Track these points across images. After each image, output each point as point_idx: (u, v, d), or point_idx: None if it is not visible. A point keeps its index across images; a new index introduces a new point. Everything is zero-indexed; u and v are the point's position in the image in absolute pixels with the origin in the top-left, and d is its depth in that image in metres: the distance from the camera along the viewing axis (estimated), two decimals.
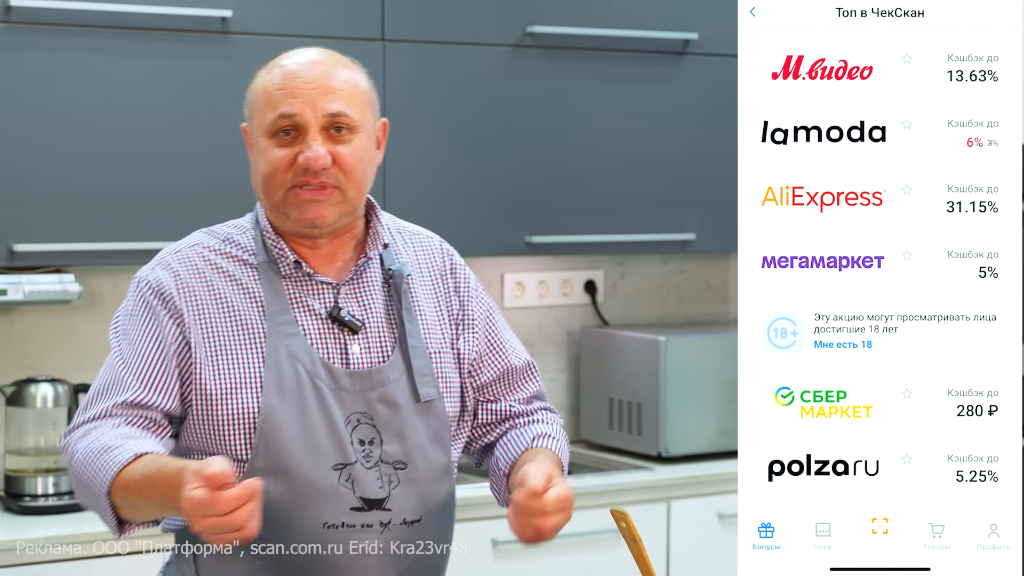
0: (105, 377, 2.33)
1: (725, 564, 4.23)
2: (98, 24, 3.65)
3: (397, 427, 2.32)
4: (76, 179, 3.65)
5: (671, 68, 4.34)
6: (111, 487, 2.19)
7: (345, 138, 2.31)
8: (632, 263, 4.75)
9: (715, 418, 4.35)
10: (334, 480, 2.27)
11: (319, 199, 2.30)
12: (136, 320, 2.33)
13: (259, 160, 2.34)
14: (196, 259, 2.37)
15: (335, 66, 2.34)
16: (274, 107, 2.30)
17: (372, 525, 2.28)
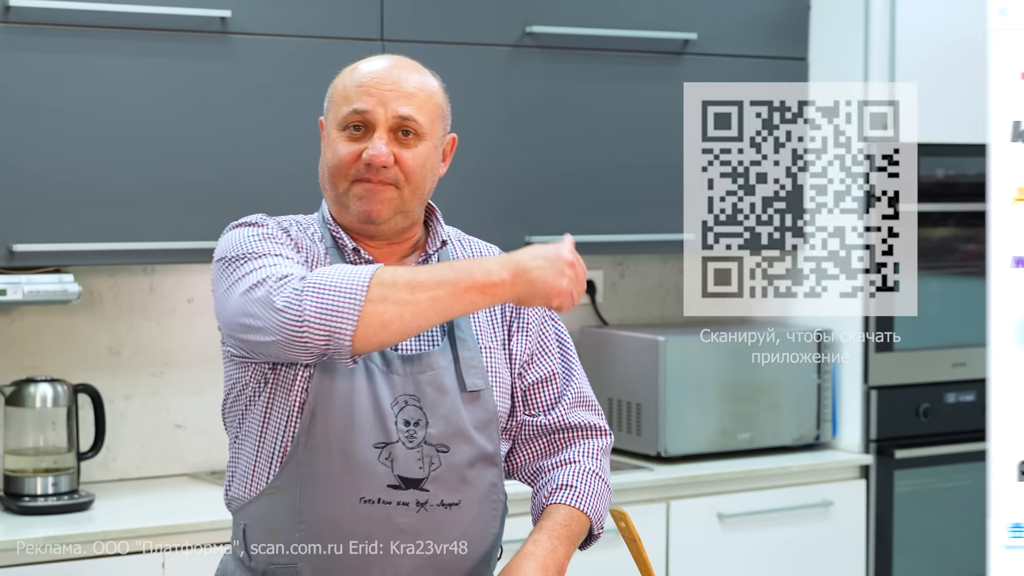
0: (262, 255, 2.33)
1: (724, 564, 4.24)
2: (97, 24, 3.65)
3: (444, 411, 2.37)
4: (76, 179, 3.65)
5: (670, 68, 4.34)
6: (373, 272, 2.21)
7: (411, 142, 2.39)
8: (631, 263, 4.75)
9: (714, 418, 4.35)
10: (373, 457, 2.32)
11: (378, 193, 2.37)
12: (267, 237, 2.36)
13: (327, 151, 2.44)
14: (283, 223, 2.43)
15: (413, 73, 2.44)
16: (349, 103, 2.40)
17: (408, 503, 2.33)
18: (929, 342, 4.59)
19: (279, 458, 2.36)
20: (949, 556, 4.67)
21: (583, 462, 2.53)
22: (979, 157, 4.58)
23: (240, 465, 2.42)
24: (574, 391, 2.57)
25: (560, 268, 2.28)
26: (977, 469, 4.68)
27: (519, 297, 2.27)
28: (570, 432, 2.55)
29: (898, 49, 4.39)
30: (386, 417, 2.34)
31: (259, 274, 2.29)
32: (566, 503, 2.47)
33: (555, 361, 2.56)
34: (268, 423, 2.38)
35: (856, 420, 4.51)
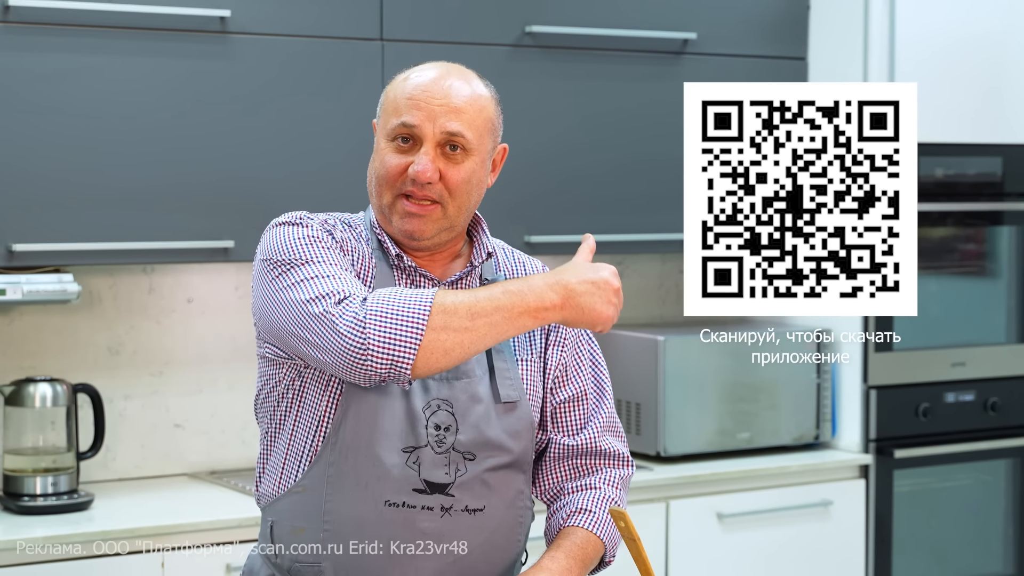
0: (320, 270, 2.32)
1: (723, 563, 4.24)
2: (97, 24, 3.65)
3: (474, 419, 2.38)
4: (75, 179, 3.65)
5: (670, 68, 4.34)
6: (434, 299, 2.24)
7: (458, 158, 2.40)
8: (631, 263, 4.75)
9: (714, 418, 4.35)
10: (400, 461, 2.33)
11: (421, 214, 2.38)
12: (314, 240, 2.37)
13: (376, 159, 2.43)
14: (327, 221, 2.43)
15: (465, 86, 2.43)
16: (399, 114, 2.39)
17: (433, 508, 2.34)
18: (928, 342, 4.59)
19: (308, 457, 2.37)
20: (948, 556, 4.67)
21: (604, 490, 2.55)
22: (978, 157, 4.60)
23: (271, 462, 2.43)
24: (605, 415, 2.59)
25: (608, 296, 2.34)
26: (976, 469, 4.69)
27: (567, 320, 2.33)
28: (596, 459, 2.56)
29: (897, 49, 4.40)
30: (417, 420, 2.35)
31: (314, 287, 2.29)
32: (584, 527, 2.49)
33: (587, 380, 2.58)
34: (299, 422, 2.39)
35: (855, 420, 4.51)
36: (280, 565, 2.40)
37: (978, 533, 4.74)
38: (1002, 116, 4.61)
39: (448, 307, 2.24)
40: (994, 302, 4.76)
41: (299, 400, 2.39)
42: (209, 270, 4.13)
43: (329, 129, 3.90)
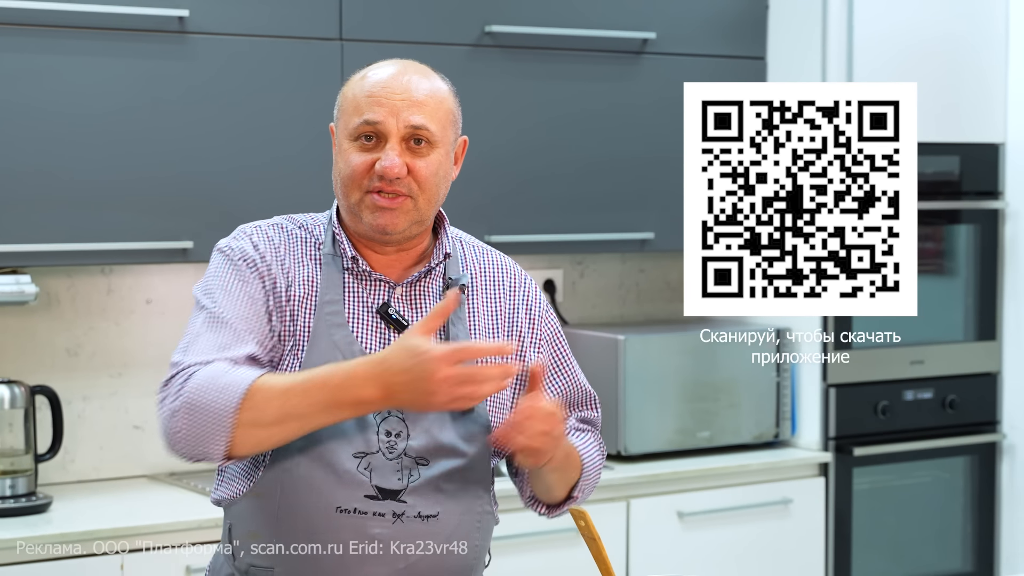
0: (202, 329, 2.35)
1: (684, 562, 4.25)
2: (54, 24, 3.63)
3: (426, 424, 2.37)
4: (32, 179, 3.63)
5: (629, 67, 4.35)
6: (241, 405, 2.22)
7: (423, 151, 2.39)
8: (591, 262, 4.76)
9: (674, 417, 4.36)
10: (352, 466, 2.33)
11: (392, 207, 2.37)
12: (227, 279, 2.40)
13: (339, 161, 2.42)
14: (271, 234, 2.43)
15: (424, 80, 2.43)
16: (360, 113, 2.39)
17: (384, 514, 2.34)
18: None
19: (263, 461, 2.36)
20: (907, 553, 4.69)
21: (588, 435, 2.59)
22: (936, 156, 4.62)
23: (229, 465, 2.42)
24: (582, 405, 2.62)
25: (429, 387, 2.20)
26: (935, 466, 4.71)
27: (401, 407, 2.28)
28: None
29: (856, 49, 4.42)
30: (368, 427, 2.34)
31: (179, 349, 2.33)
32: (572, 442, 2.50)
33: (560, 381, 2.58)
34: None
35: (815, 418, 4.53)
36: (239, 567, 2.40)
37: (937, 530, 4.77)
38: (959, 116, 4.64)
39: (259, 403, 2.22)
40: (952, 300, 4.79)
41: None
42: (168, 271, 4.11)
43: (288, 129, 3.89)
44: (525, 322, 2.53)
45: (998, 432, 4.78)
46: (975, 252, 4.76)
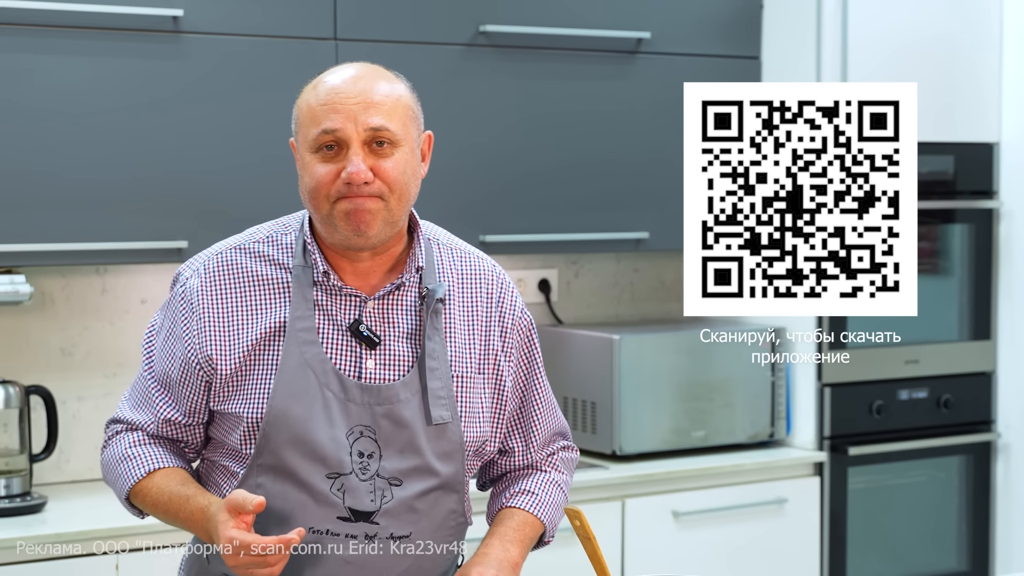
0: (140, 384, 2.47)
1: (679, 562, 4.25)
2: (49, 23, 3.63)
3: (399, 445, 2.35)
4: (27, 179, 3.63)
5: (624, 67, 4.35)
6: (129, 494, 2.43)
7: (387, 152, 2.35)
8: (586, 262, 4.76)
9: (669, 416, 4.36)
10: (326, 488, 2.32)
11: (366, 206, 2.33)
12: (169, 331, 2.43)
13: (304, 175, 2.37)
14: (231, 265, 2.41)
15: (377, 81, 2.39)
16: (317, 123, 2.34)
17: (357, 536, 2.33)
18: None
19: (238, 474, 2.37)
20: (902, 552, 4.69)
21: (550, 473, 2.57)
22: (930, 156, 4.62)
23: (207, 469, 2.45)
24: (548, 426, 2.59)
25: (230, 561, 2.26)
26: (930, 466, 4.72)
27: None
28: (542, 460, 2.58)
29: (850, 49, 4.42)
30: (341, 448, 2.33)
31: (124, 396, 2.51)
32: (524, 508, 2.50)
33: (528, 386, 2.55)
34: (226, 441, 2.40)
35: (810, 417, 4.53)
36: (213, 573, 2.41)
37: (932, 530, 4.77)
38: (953, 116, 4.64)
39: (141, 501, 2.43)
40: (947, 300, 4.79)
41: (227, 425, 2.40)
42: (163, 271, 4.11)
43: (283, 128, 3.87)
44: (497, 329, 2.48)
45: (993, 431, 4.78)
46: (969, 252, 4.77)
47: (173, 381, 2.40)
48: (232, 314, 2.38)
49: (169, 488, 2.38)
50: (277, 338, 2.36)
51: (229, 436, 2.38)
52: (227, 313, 2.38)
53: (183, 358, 2.38)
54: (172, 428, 2.43)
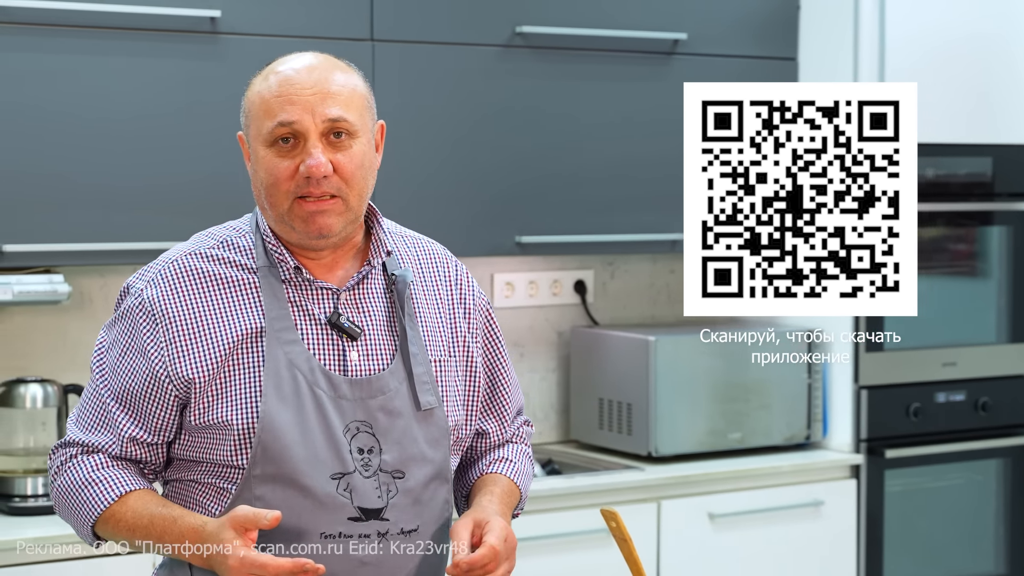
0: (95, 404, 2.33)
1: (715, 564, 4.24)
2: (86, 24, 3.64)
3: (396, 435, 2.30)
4: (66, 180, 3.64)
5: (660, 68, 4.34)
6: (96, 522, 2.28)
7: (345, 144, 2.27)
8: (622, 263, 4.75)
9: (705, 418, 4.35)
10: (332, 489, 2.25)
11: (323, 208, 2.26)
12: (124, 342, 2.33)
13: (259, 170, 2.29)
14: (191, 270, 2.33)
15: (332, 70, 2.30)
16: (272, 115, 2.26)
17: (369, 535, 2.27)
18: (919, 342, 4.60)
19: (230, 492, 2.28)
20: (940, 555, 4.67)
21: (520, 445, 2.54)
22: (968, 157, 4.60)
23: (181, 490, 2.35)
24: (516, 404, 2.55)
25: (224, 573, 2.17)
26: (967, 468, 4.69)
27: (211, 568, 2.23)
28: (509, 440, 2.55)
29: (888, 49, 4.40)
30: (340, 446, 2.26)
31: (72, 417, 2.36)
32: (506, 475, 2.46)
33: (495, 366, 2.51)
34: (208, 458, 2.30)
35: (846, 420, 4.51)
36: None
37: (969, 533, 4.75)
38: (992, 116, 4.62)
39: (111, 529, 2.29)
40: (985, 302, 4.77)
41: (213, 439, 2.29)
42: None
43: None
44: (461, 311, 2.44)
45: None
46: (1008, 254, 4.74)
47: (136, 398, 2.29)
48: (201, 321, 2.28)
49: (149, 511, 2.26)
50: (255, 341, 2.27)
51: (215, 451, 2.27)
52: (195, 320, 2.29)
53: (148, 373, 2.28)
54: (136, 447, 2.30)
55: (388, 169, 3.96)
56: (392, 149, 3.96)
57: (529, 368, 4.59)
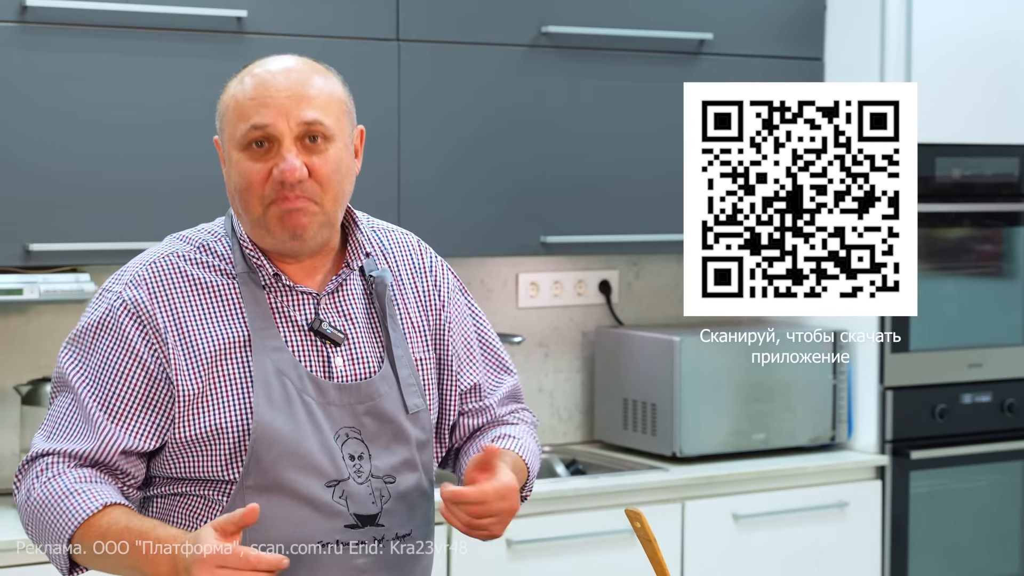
0: (73, 416, 2.24)
1: (739, 564, 4.23)
2: (113, 24, 3.66)
3: (385, 440, 2.28)
4: (91, 179, 3.66)
5: (686, 68, 4.34)
6: (73, 536, 2.16)
7: (320, 148, 2.22)
8: (647, 263, 4.75)
9: (729, 418, 4.35)
10: (328, 497, 2.22)
11: (299, 207, 2.20)
12: (108, 347, 2.25)
13: (233, 174, 2.24)
14: (172, 272, 2.27)
15: (309, 74, 2.25)
16: (246, 118, 2.22)
17: (366, 542, 2.24)
18: (945, 343, 4.58)
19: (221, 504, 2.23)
20: (965, 557, 4.66)
21: (523, 426, 2.47)
22: (995, 157, 4.59)
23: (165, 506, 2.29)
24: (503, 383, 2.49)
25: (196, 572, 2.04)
26: (993, 470, 4.68)
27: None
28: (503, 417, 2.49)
29: (914, 49, 4.39)
30: (333, 452, 2.23)
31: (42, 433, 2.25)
32: (512, 450, 2.38)
33: (478, 366, 2.46)
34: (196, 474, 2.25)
35: (872, 421, 4.50)
36: None
37: (995, 534, 4.73)
38: (1019, 116, 4.60)
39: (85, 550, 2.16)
40: (1011, 303, 4.75)
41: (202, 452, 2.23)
42: None
43: None
44: (438, 301, 2.40)
45: None
46: None
47: (126, 405, 2.21)
48: (183, 329, 2.22)
49: (127, 518, 2.15)
50: (240, 350, 2.22)
51: (202, 465, 2.23)
52: (179, 329, 2.22)
53: (143, 374, 2.21)
54: (124, 459, 2.22)
55: (413, 168, 3.98)
56: (417, 149, 3.98)
57: (554, 368, 4.59)
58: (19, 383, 3.84)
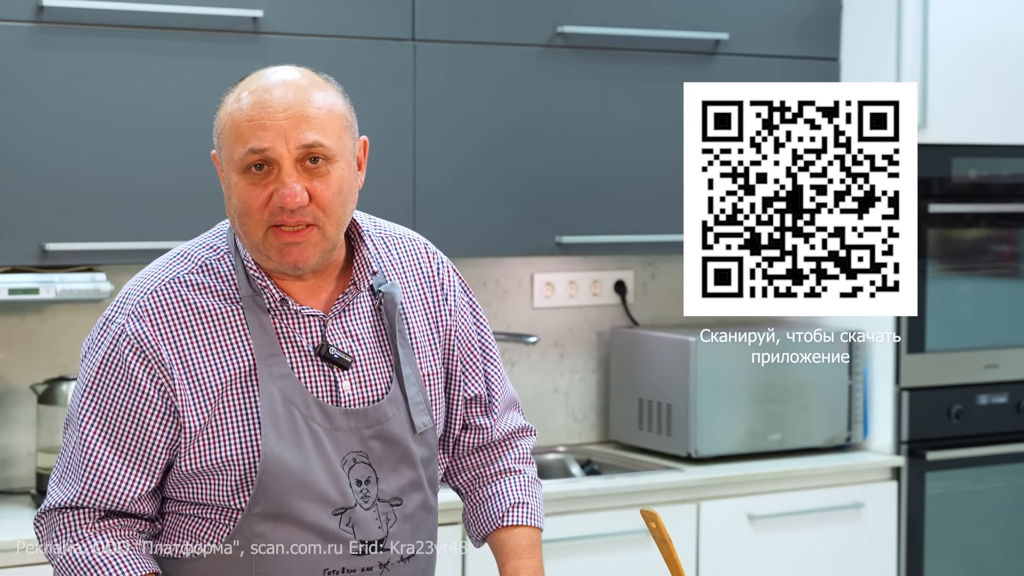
0: (84, 457, 2.20)
1: (754, 565, 4.23)
2: (129, 24, 3.66)
3: (392, 463, 2.26)
4: (108, 179, 3.66)
5: (702, 68, 4.33)
6: None
7: (322, 170, 2.15)
8: (662, 263, 4.74)
9: (745, 419, 4.34)
10: (335, 526, 2.21)
11: (299, 240, 2.15)
12: (116, 389, 2.20)
13: (232, 197, 2.18)
14: (175, 301, 2.21)
15: (308, 90, 2.18)
16: (244, 141, 2.14)
17: (372, 568, 2.23)
18: (961, 343, 4.57)
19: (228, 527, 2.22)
20: (981, 559, 4.65)
21: (525, 471, 2.47)
22: (1012, 158, 4.57)
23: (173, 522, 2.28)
24: (503, 394, 2.47)
25: None
26: (1009, 471, 4.67)
27: None
28: (505, 440, 2.48)
29: (931, 49, 4.38)
30: (340, 480, 2.21)
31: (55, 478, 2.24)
32: (527, 524, 2.40)
33: (480, 376, 2.44)
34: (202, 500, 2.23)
35: (887, 422, 4.49)
36: None
37: (1011, 536, 4.72)
38: None
39: None
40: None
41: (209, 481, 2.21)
42: None
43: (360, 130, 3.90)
44: (444, 309, 2.37)
45: None
46: None
47: (138, 446, 2.19)
48: (188, 363, 2.18)
49: None
50: (246, 379, 2.19)
51: (209, 494, 2.21)
52: (184, 364, 2.18)
53: (153, 414, 2.18)
54: (138, 502, 2.21)
55: (428, 168, 3.98)
56: (432, 149, 3.98)
57: (569, 368, 4.59)
58: (35, 382, 3.84)
